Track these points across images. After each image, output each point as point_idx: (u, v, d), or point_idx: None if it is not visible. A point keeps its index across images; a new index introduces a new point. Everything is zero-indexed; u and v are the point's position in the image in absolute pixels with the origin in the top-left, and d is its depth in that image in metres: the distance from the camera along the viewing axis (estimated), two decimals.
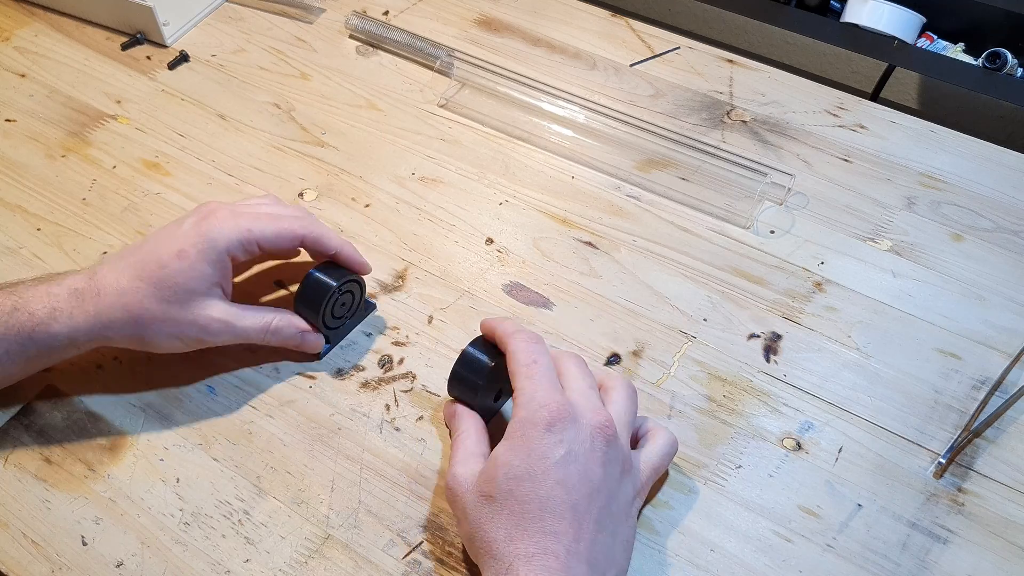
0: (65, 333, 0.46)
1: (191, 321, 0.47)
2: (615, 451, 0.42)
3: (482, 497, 0.40)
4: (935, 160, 0.67)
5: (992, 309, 0.57)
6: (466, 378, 0.47)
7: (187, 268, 0.47)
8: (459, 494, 0.42)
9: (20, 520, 0.46)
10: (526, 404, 0.41)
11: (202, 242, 0.47)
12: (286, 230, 0.49)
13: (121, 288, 0.46)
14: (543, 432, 0.40)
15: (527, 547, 0.38)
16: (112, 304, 0.46)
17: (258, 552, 0.45)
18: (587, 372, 0.45)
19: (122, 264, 0.47)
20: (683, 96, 0.72)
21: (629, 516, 0.43)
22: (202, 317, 0.48)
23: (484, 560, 0.40)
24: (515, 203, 0.63)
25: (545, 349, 0.44)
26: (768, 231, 0.62)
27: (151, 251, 0.47)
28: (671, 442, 0.46)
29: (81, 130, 0.68)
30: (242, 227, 0.48)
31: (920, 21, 0.84)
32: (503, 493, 0.40)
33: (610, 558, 0.40)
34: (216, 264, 0.47)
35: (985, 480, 0.49)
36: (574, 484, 0.39)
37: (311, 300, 0.51)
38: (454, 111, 0.70)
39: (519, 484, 0.39)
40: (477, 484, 0.41)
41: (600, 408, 0.42)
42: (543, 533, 0.38)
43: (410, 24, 0.78)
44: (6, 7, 0.79)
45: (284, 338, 0.51)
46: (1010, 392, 0.53)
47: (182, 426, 0.50)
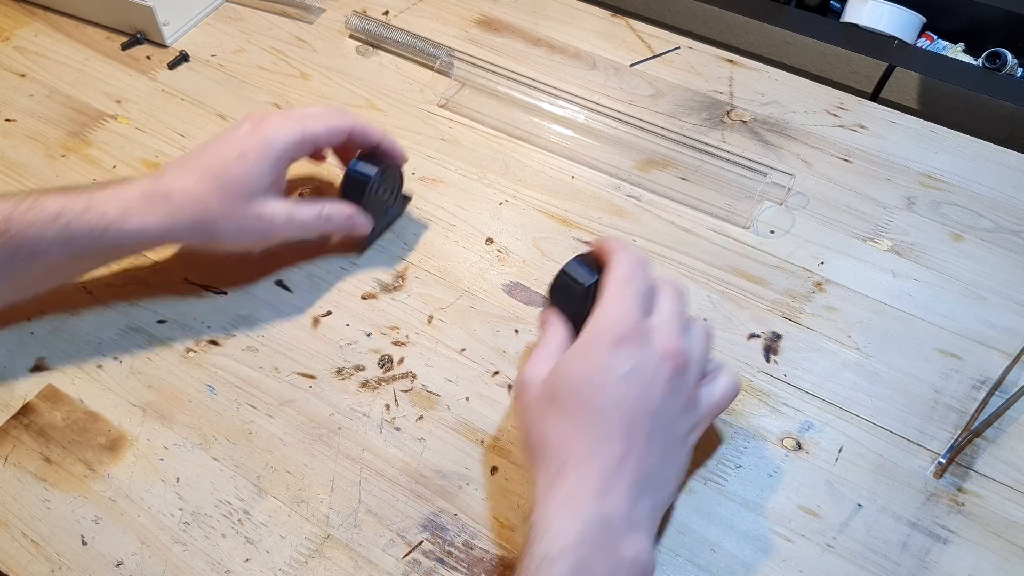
0: (136, 232, 0.49)
1: (256, 216, 0.51)
2: (680, 381, 0.42)
3: (546, 397, 0.42)
4: (935, 160, 0.67)
5: (992, 309, 0.57)
6: (564, 289, 0.47)
7: (250, 167, 0.50)
8: (526, 391, 0.43)
9: (20, 520, 0.46)
10: (604, 316, 0.42)
11: (261, 144, 0.51)
12: (335, 126, 0.54)
13: (188, 190, 0.50)
14: (612, 345, 0.41)
15: (580, 450, 0.40)
16: (182, 206, 0.49)
17: (258, 552, 0.45)
18: (679, 303, 0.45)
19: (187, 169, 0.51)
20: (683, 96, 0.72)
21: (684, 447, 0.43)
22: (265, 212, 0.52)
23: (537, 456, 0.42)
24: (515, 203, 0.63)
25: (645, 273, 0.45)
26: (768, 231, 0.62)
27: (213, 155, 0.51)
28: (734, 384, 0.46)
29: (81, 130, 0.68)
30: (296, 128, 0.52)
31: (920, 21, 0.84)
32: (565, 396, 0.41)
33: (659, 479, 0.41)
34: (275, 163, 0.51)
35: (985, 480, 0.49)
36: (633, 401, 0.40)
37: (356, 187, 0.55)
38: (454, 111, 0.70)
39: (580, 389, 0.41)
40: (543, 384, 0.43)
41: (676, 338, 0.42)
42: (596, 440, 0.40)
43: (410, 24, 0.78)
44: (6, 7, 0.79)
45: (336, 224, 0.55)
46: (1010, 392, 0.53)
47: (182, 426, 0.50)
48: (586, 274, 0.46)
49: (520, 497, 0.48)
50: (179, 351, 0.54)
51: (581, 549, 0.37)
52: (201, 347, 0.54)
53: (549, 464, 0.40)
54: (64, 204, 0.47)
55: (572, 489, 0.39)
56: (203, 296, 0.57)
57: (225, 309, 0.56)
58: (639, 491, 0.40)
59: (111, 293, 0.57)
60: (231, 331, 0.55)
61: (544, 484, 0.40)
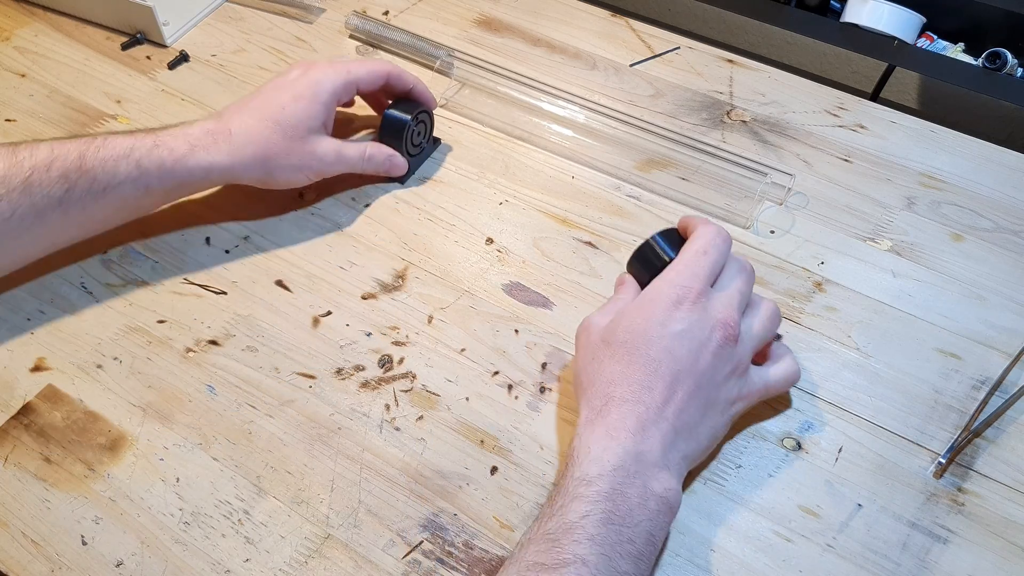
0: (202, 168, 0.54)
1: (310, 153, 0.57)
2: (729, 351, 0.45)
3: (602, 340, 0.46)
4: (935, 160, 0.67)
5: (992, 309, 0.57)
6: (644, 259, 0.50)
7: (304, 108, 0.56)
8: (585, 333, 0.48)
9: (20, 520, 0.46)
10: (672, 277, 0.46)
11: (313, 86, 0.57)
12: (376, 70, 0.60)
13: (250, 129, 0.55)
14: (670, 304, 0.45)
15: (624, 391, 0.43)
16: (244, 143, 0.55)
17: (258, 552, 0.45)
18: (745, 281, 0.48)
19: (246, 110, 0.56)
20: (683, 96, 0.72)
21: (724, 412, 0.46)
22: (319, 149, 0.57)
23: (585, 392, 0.45)
24: (515, 203, 0.63)
25: (725, 249, 0.48)
26: (768, 231, 0.62)
27: (269, 98, 0.56)
28: (793, 370, 0.49)
29: (81, 130, 0.68)
30: (342, 71, 0.58)
31: (920, 21, 0.84)
32: (619, 342, 0.45)
33: (692, 433, 0.44)
34: (326, 104, 0.57)
35: (985, 480, 0.49)
36: (680, 357, 0.44)
37: (394, 131, 0.62)
38: (454, 111, 0.70)
39: (634, 338, 0.44)
40: (603, 329, 0.46)
41: (733, 311, 0.46)
42: (641, 385, 0.43)
43: (410, 24, 0.78)
44: (6, 7, 0.79)
45: (377, 164, 0.61)
46: (1010, 392, 0.53)
47: (182, 426, 0.50)
48: (669, 249, 0.49)
49: (520, 497, 0.48)
50: (179, 351, 0.54)
51: (616, 476, 0.40)
52: (201, 347, 0.54)
53: (594, 399, 0.44)
54: (134, 142, 0.52)
55: (613, 423, 0.42)
56: (203, 296, 0.57)
57: (225, 309, 0.56)
58: (673, 438, 0.43)
59: (111, 293, 0.57)
60: (231, 331, 0.55)
61: (587, 417, 0.44)
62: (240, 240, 0.60)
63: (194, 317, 0.55)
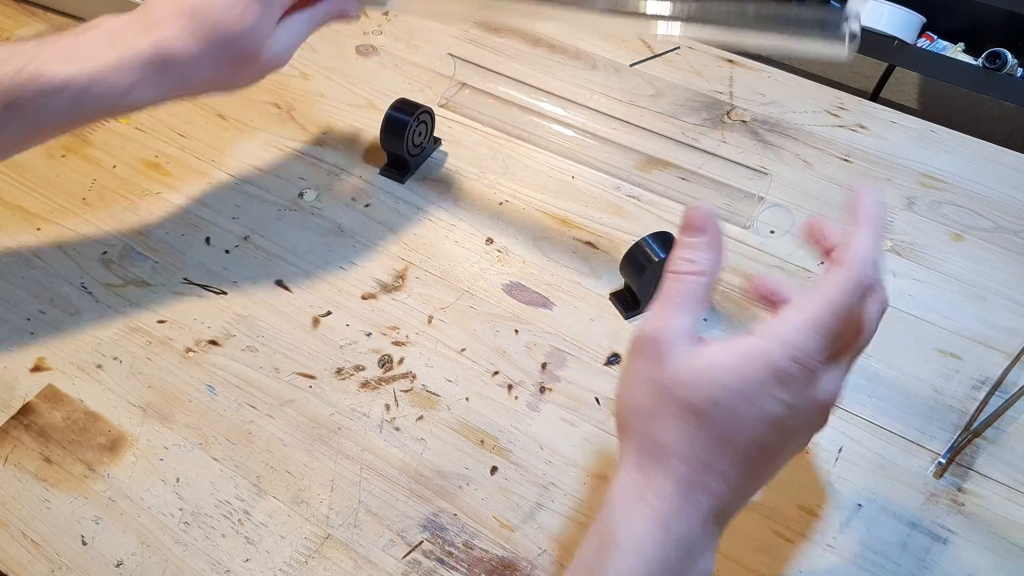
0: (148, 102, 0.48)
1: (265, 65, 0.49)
2: (820, 424, 0.37)
3: (674, 389, 0.34)
4: (935, 160, 0.67)
5: (992, 309, 0.57)
6: (634, 264, 0.52)
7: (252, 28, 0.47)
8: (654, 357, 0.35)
9: (20, 520, 0.46)
10: (789, 338, 0.33)
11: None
12: None
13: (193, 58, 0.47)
14: (776, 379, 0.33)
15: (688, 471, 0.34)
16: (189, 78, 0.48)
17: (258, 552, 0.45)
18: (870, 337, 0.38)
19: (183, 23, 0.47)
20: (683, 96, 0.72)
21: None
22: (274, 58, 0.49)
23: (633, 439, 0.36)
24: (515, 203, 0.63)
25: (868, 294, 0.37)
26: (768, 231, 0.62)
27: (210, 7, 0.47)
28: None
29: (81, 130, 0.68)
30: None
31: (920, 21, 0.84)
32: (698, 400, 0.34)
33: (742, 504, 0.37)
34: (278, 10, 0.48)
35: (985, 480, 0.49)
36: (767, 445, 0.35)
37: (394, 130, 0.61)
38: (454, 111, 0.70)
39: (719, 412, 0.34)
40: (679, 365, 0.34)
41: (839, 387, 0.36)
42: (704, 459, 0.34)
43: (410, 24, 0.78)
44: (6, 7, 0.79)
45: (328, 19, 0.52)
46: (1010, 392, 0.53)
47: (182, 426, 0.50)
48: (659, 250, 0.52)
49: (520, 497, 0.48)
50: (179, 351, 0.54)
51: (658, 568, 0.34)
52: (201, 347, 0.54)
53: (645, 460, 0.35)
54: (68, 77, 0.45)
55: (667, 509, 0.34)
56: (203, 296, 0.57)
57: (225, 309, 0.56)
58: (723, 517, 0.36)
59: (111, 293, 0.57)
60: (231, 331, 0.55)
61: (630, 458, 0.36)
62: (240, 240, 0.60)
63: (194, 317, 0.55)
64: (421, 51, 0.76)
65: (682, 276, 0.36)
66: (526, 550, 0.46)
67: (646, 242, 0.53)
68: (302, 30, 0.51)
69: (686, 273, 0.36)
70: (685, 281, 0.35)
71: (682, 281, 0.35)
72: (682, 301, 0.35)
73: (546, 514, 0.47)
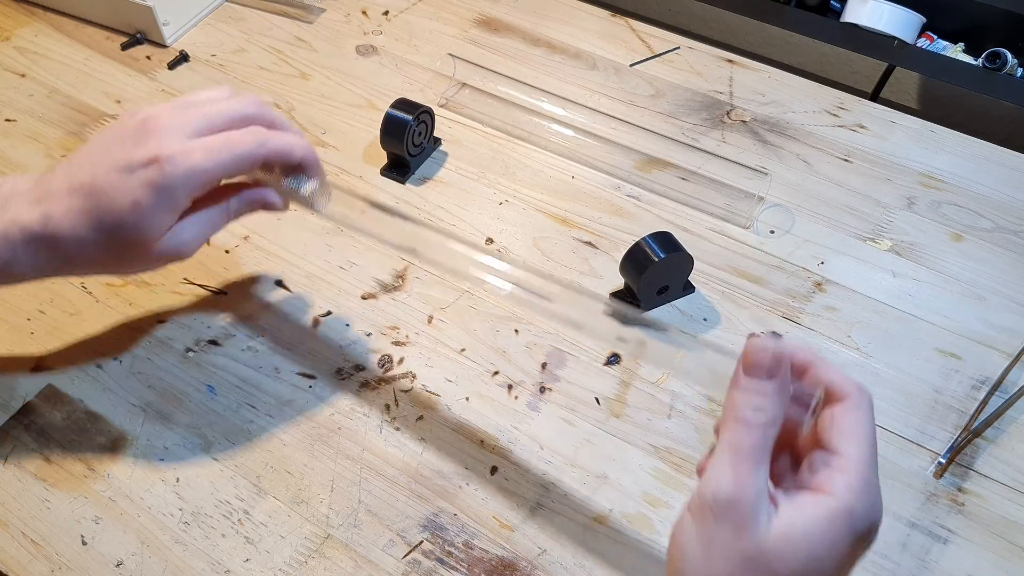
0: (29, 274, 0.43)
1: (160, 257, 0.44)
2: None
3: (767, 555, 0.31)
4: (935, 160, 0.67)
5: (992, 309, 0.57)
6: (634, 263, 0.53)
7: (146, 221, 0.42)
8: (737, 514, 0.31)
9: (20, 520, 0.46)
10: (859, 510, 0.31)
11: (158, 191, 0.41)
12: (248, 154, 0.43)
13: (79, 240, 0.42)
14: (859, 545, 0.31)
15: None
16: (74, 259, 0.43)
17: (258, 552, 0.45)
18: None
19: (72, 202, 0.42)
20: (683, 96, 0.72)
21: None
22: (170, 250, 0.43)
23: None
24: (515, 203, 0.63)
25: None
26: (768, 231, 0.62)
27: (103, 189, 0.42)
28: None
29: (81, 130, 0.68)
30: (206, 162, 0.42)
31: (920, 21, 0.84)
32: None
33: None
34: (179, 207, 0.43)
35: (985, 480, 0.49)
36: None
37: (395, 130, 0.62)
38: (454, 111, 0.70)
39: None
40: (766, 533, 0.31)
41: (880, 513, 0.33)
42: None
43: (410, 24, 0.78)
44: (6, 7, 0.79)
45: (248, 210, 0.46)
46: (1010, 392, 0.53)
47: (182, 426, 0.50)
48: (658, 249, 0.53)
49: (520, 497, 0.48)
50: (179, 351, 0.54)
51: None
52: (201, 347, 0.54)
53: None
54: None
55: None
56: (203, 296, 0.57)
57: (226, 309, 0.56)
58: None
59: (111, 293, 0.57)
60: (231, 331, 0.55)
61: None
62: (240, 240, 0.60)
63: (194, 317, 0.55)
64: (421, 51, 0.76)
65: (752, 427, 0.32)
66: (526, 550, 0.46)
67: (646, 242, 0.53)
68: (213, 223, 0.45)
69: (756, 425, 0.32)
70: (755, 433, 0.32)
71: (753, 433, 0.32)
72: (756, 457, 0.32)
73: (546, 514, 0.47)
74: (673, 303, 0.57)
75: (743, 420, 0.32)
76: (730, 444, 0.32)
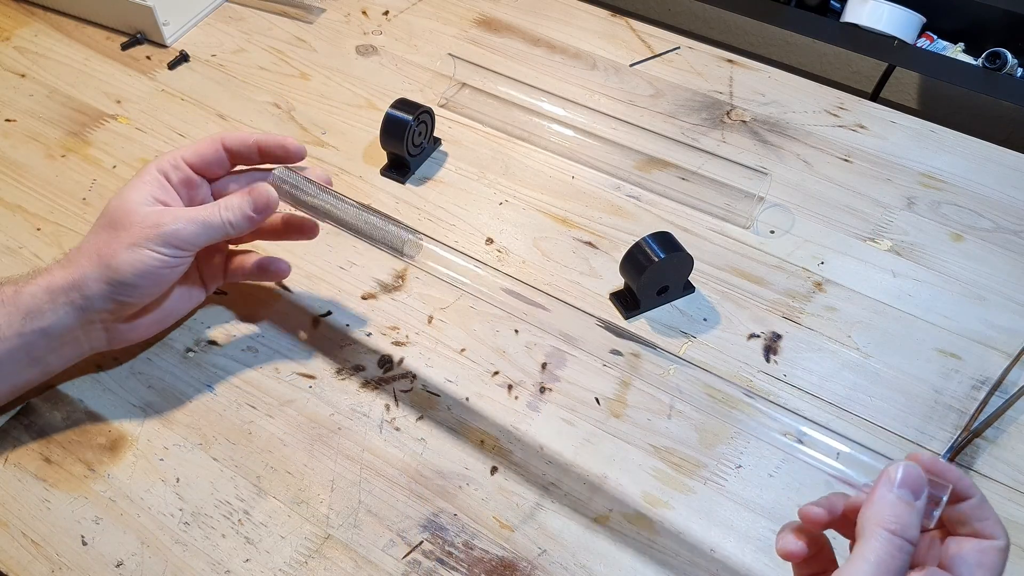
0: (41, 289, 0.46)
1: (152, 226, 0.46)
2: None
3: None
4: (935, 160, 0.67)
5: (992, 309, 0.57)
6: (634, 263, 0.53)
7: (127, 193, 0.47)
8: None
9: (20, 520, 0.46)
10: None
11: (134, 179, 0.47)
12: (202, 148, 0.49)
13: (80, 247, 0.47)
14: None
15: None
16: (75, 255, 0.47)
17: (258, 552, 0.45)
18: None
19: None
20: (683, 96, 0.72)
21: None
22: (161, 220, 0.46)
23: None
24: (515, 203, 0.63)
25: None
26: (768, 231, 0.62)
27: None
28: None
29: (81, 130, 0.68)
30: (164, 157, 0.48)
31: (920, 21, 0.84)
32: None
33: None
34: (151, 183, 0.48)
35: (985, 480, 0.49)
36: None
37: (395, 130, 0.62)
38: (454, 111, 0.70)
39: None
40: None
41: None
42: None
43: (410, 24, 0.78)
44: (6, 7, 0.79)
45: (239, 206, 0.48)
46: (1010, 392, 0.53)
47: (182, 426, 0.50)
48: (659, 250, 0.53)
49: (520, 497, 0.48)
50: (179, 351, 0.54)
51: None
52: (201, 347, 0.54)
53: None
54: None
55: None
56: None
57: (225, 309, 0.56)
58: None
59: None
60: (231, 331, 0.55)
61: None
62: None
63: (194, 317, 0.55)
64: (421, 51, 0.76)
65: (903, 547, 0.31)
66: (526, 550, 0.46)
67: (646, 242, 0.53)
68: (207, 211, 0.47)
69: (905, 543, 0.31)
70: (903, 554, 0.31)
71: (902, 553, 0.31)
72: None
73: (546, 514, 0.47)
74: (673, 303, 0.57)
75: (895, 535, 0.31)
76: (877, 558, 0.31)
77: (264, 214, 0.48)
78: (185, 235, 0.46)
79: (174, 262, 0.46)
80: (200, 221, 0.47)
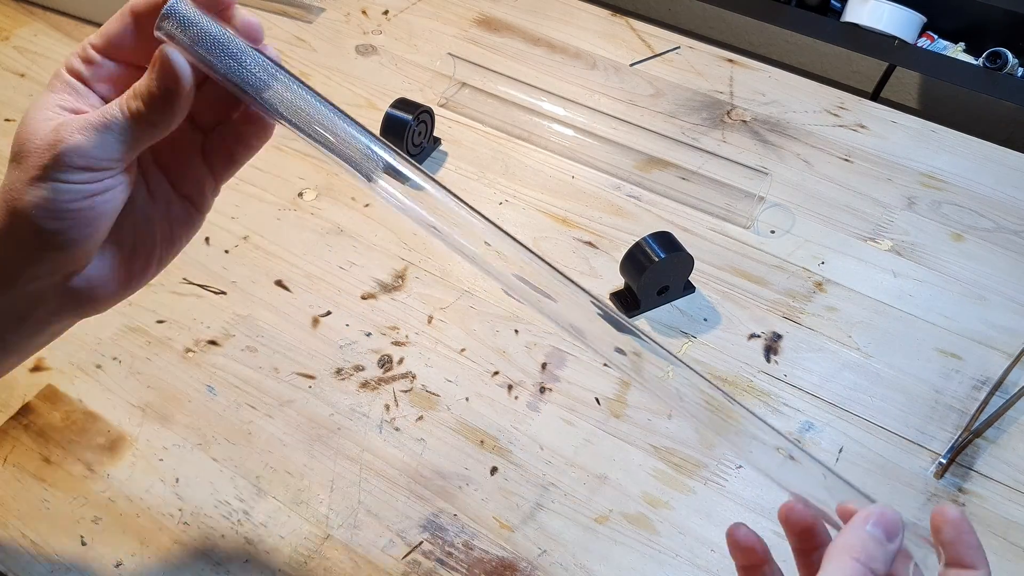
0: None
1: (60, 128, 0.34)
2: None
3: None
4: (935, 160, 0.67)
5: (992, 309, 0.57)
6: (634, 263, 0.53)
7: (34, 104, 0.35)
8: None
9: (19, 520, 0.46)
10: None
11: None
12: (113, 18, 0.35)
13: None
14: None
15: None
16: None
17: (258, 552, 0.45)
18: None
19: None
20: (683, 96, 0.72)
21: None
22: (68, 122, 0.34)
23: None
24: (515, 203, 0.63)
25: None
26: (768, 231, 0.62)
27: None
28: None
29: None
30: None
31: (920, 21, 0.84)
32: None
33: None
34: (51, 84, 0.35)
35: (986, 480, 0.49)
36: None
37: (395, 130, 0.62)
38: (454, 111, 0.70)
39: None
40: None
41: None
42: None
43: (410, 23, 0.78)
44: (6, 7, 0.79)
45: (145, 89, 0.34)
46: (1010, 392, 0.53)
47: (182, 426, 0.50)
48: (659, 249, 0.53)
49: (520, 497, 0.48)
50: (179, 351, 0.54)
51: None
52: (201, 347, 0.54)
53: None
54: None
55: None
56: (203, 296, 0.57)
57: (225, 309, 0.56)
58: None
59: None
60: (231, 331, 0.55)
61: None
62: (240, 240, 0.60)
63: (194, 317, 0.55)
64: (421, 51, 0.76)
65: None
66: (526, 550, 0.46)
67: (646, 242, 0.53)
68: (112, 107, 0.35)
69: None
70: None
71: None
72: None
73: (546, 514, 0.47)
74: (673, 303, 0.57)
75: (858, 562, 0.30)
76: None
77: (178, 84, 0.34)
78: (88, 149, 0.34)
79: (91, 188, 0.34)
80: (99, 124, 0.34)
